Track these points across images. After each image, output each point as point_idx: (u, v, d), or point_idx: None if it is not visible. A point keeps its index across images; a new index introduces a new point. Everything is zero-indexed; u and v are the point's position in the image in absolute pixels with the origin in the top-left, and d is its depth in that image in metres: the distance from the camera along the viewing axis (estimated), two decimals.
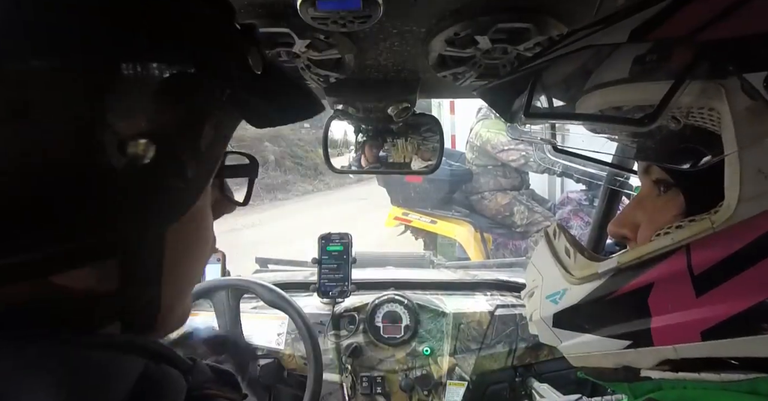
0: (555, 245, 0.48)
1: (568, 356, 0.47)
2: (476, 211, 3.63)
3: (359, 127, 1.00)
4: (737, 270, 0.34)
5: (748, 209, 0.33)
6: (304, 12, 0.54)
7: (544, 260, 0.48)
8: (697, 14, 0.34)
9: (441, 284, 1.48)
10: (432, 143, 1.01)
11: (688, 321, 0.36)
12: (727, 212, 0.34)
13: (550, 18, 0.60)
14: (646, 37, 0.36)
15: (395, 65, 0.76)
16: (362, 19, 0.56)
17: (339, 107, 0.85)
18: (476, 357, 1.23)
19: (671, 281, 0.37)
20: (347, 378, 1.21)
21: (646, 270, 0.38)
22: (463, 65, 0.70)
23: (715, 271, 0.35)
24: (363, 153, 1.02)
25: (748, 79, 0.32)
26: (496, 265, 2.14)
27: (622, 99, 0.40)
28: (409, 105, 0.86)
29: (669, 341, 0.38)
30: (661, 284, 0.38)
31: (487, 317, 1.27)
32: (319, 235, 1.31)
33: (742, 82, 0.33)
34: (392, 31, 0.65)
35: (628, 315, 0.40)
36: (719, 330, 0.35)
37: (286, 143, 13.94)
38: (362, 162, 1.03)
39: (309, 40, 0.63)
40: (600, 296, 0.41)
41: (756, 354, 0.35)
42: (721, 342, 0.35)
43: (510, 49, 0.65)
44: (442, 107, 5.42)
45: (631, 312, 0.39)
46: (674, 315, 0.37)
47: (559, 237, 0.48)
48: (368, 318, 1.26)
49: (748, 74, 0.32)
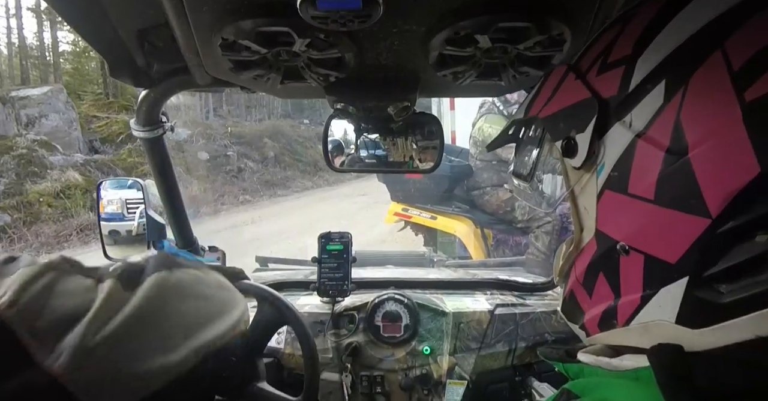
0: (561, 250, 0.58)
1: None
2: (477, 207, 3.63)
3: (359, 126, 1.00)
4: (593, 279, 0.47)
5: (585, 236, 0.47)
6: (305, 11, 0.54)
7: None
8: (542, 99, 0.53)
9: (441, 283, 1.48)
10: (432, 142, 1.01)
11: (591, 317, 0.49)
12: (577, 240, 0.49)
13: (550, 17, 0.59)
14: (527, 114, 0.56)
15: (395, 64, 0.76)
16: (362, 18, 0.56)
17: (339, 106, 0.85)
18: (476, 357, 1.23)
19: (575, 287, 0.51)
20: (347, 377, 1.20)
21: (567, 280, 0.53)
22: (463, 64, 0.69)
23: (585, 281, 0.49)
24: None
25: (556, 145, 0.48)
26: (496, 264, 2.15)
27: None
28: (409, 104, 0.86)
29: (592, 332, 0.50)
30: (575, 290, 0.51)
31: (487, 316, 1.27)
32: (319, 234, 1.30)
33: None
34: (392, 30, 0.65)
35: (574, 312, 0.53)
36: (601, 324, 0.47)
37: (286, 140, 13.96)
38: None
39: (309, 39, 0.62)
40: (563, 298, 0.56)
41: (629, 343, 0.44)
42: (607, 333, 0.46)
43: (510, 48, 0.65)
44: (442, 103, 5.42)
45: (575, 309, 0.52)
46: (588, 312, 0.49)
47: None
48: (368, 317, 1.26)
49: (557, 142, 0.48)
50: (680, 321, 0.38)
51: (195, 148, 11.13)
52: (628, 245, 0.41)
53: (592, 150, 0.44)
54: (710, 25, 0.38)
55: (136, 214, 1.35)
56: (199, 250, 1.40)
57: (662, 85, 0.39)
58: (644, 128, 0.39)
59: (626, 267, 0.42)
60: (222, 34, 0.61)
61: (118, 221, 1.48)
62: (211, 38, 0.63)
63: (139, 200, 1.32)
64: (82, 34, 0.81)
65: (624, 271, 0.43)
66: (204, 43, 0.69)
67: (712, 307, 0.36)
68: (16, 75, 13.16)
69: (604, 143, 0.43)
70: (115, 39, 0.79)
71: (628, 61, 0.42)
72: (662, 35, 0.41)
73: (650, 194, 0.39)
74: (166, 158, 1.20)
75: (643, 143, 0.39)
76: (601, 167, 0.43)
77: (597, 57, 0.47)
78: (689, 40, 0.38)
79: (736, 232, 0.34)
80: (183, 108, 11.67)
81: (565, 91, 0.49)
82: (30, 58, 14.10)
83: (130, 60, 0.87)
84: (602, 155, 0.43)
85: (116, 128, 10.51)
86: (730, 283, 0.35)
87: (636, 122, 0.40)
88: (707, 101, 0.36)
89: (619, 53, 0.44)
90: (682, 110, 0.37)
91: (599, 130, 0.43)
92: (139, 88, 1.00)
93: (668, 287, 0.38)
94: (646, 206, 0.39)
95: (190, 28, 0.65)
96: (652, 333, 0.41)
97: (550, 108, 0.51)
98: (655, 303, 0.40)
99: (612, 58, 0.44)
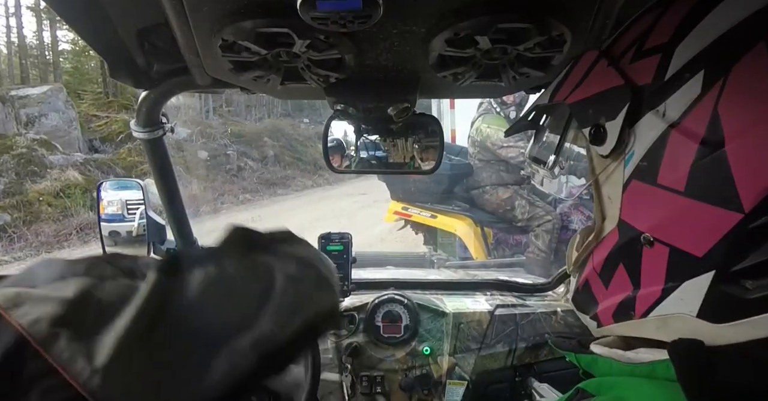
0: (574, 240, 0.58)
1: None
2: (477, 205, 3.63)
3: (359, 127, 0.99)
4: (612, 270, 0.46)
5: (607, 226, 0.47)
6: (305, 12, 0.54)
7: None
8: (570, 84, 0.52)
9: (441, 283, 1.48)
10: (432, 143, 1.01)
11: (605, 308, 0.48)
12: (598, 229, 0.48)
13: (550, 18, 0.59)
14: (552, 100, 0.56)
15: (395, 65, 0.75)
16: (362, 19, 0.56)
17: (339, 107, 0.84)
18: (476, 357, 1.23)
19: (591, 277, 0.51)
20: (347, 377, 1.21)
21: (582, 269, 0.53)
22: (463, 65, 0.69)
23: (603, 271, 0.48)
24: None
25: (583, 132, 0.48)
26: (496, 265, 2.15)
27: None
28: (409, 105, 0.86)
29: (604, 323, 0.49)
30: (590, 280, 0.51)
31: (486, 317, 1.27)
32: (319, 235, 1.30)
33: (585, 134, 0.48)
34: (392, 31, 0.64)
35: (587, 302, 0.52)
36: (617, 315, 0.46)
37: (286, 139, 13.96)
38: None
39: (309, 40, 0.62)
40: (575, 288, 0.55)
41: (645, 335, 0.44)
42: (621, 324, 0.46)
43: (510, 49, 0.64)
44: (441, 102, 5.43)
45: (589, 299, 0.52)
46: (603, 302, 0.49)
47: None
48: (368, 318, 1.26)
49: (584, 128, 0.48)
50: (701, 315, 0.38)
51: (195, 147, 11.13)
52: (653, 237, 0.41)
53: (621, 139, 0.43)
54: (753, 16, 0.37)
55: (136, 215, 1.35)
56: None
57: (700, 75, 0.38)
58: (679, 118, 0.39)
59: (649, 259, 0.42)
60: (222, 34, 0.61)
61: (119, 222, 1.47)
62: (211, 39, 0.63)
63: (139, 201, 1.32)
64: (82, 34, 0.81)
65: (646, 262, 0.42)
66: (204, 44, 0.68)
67: (737, 302, 0.35)
68: (16, 74, 13.14)
69: (634, 132, 0.42)
70: (115, 39, 0.79)
71: (665, 49, 0.41)
72: (703, 25, 0.40)
73: (680, 186, 0.38)
74: (166, 159, 1.20)
75: (677, 134, 0.39)
76: (630, 156, 0.43)
77: (632, 43, 0.46)
78: (731, 30, 0.38)
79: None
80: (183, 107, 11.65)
81: (595, 78, 0.48)
82: (29, 58, 14.08)
83: (130, 60, 0.87)
84: (632, 143, 0.43)
85: (116, 127, 10.51)
86: (756, 279, 0.35)
87: (670, 111, 0.40)
88: (748, 93, 0.36)
89: (656, 41, 0.43)
90: (721, 101, 0.36)
91: (630, 118, 0.43)
92: (139, 89, 1.00)
93: (692, 280, 0.38)
94: (675, 198, 0.38)
95: (190, 28, 0.64)
96: (670, 325, 0.40)
97: (579, 94, 0.50)
98: (677, 295, 0.39)
99: (648, 46, 0.44)
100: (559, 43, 0.63)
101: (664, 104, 0.40)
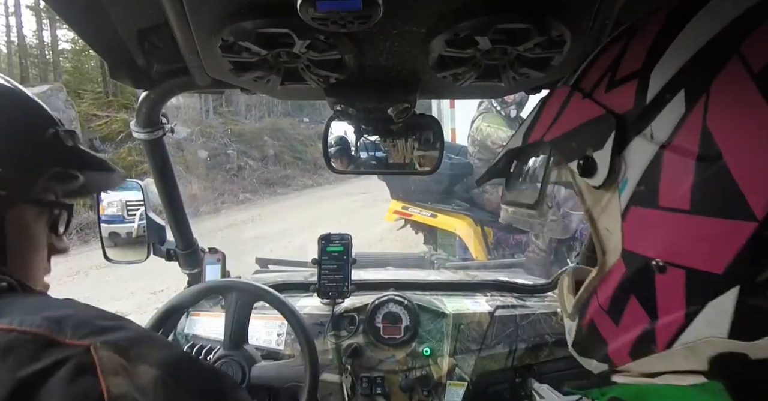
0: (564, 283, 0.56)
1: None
2: (477, 205, 3.63)
3: (359, 127, 0.99)
4: (622, 304, 0.44)
5: (610, 259, 0.44)
6: (304, 12, 0.54)
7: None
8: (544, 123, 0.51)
9: (441, 284, 1.48)
10: (432, 144, 1.01)
11: (618, 347, 0.45)
12: (600, 263, 0.46)
13: (550, 18, 0.59)
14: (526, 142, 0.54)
15: (395, 66, 0.75)
16: (362, 19, 0.56)
17: (339, 108, 0.84)
18: (476, 358, 1.23)
19: (596, 316, 0.47)
20: (347, 378, 1.20)
21: (585, 311, 0.49)
22: (463, 66, 0.69)
23: (611, 307, 0.45)
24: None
25: (570, 167, 0.46)
26: (496, 266, 2.15)
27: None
28: (409, 106, 0.86)
29: (619, 362, 0.46)
30: (596, 320, 0.48)
31: (487, 317, 1.27)
32: (319, 235, 1.30)
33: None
34: (392, 31, 0.64)
35: (593, 344, 0.49)
36: (634, 352, 0.43)
37: (286, 138, 13.96)
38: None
39: (309, 40, 0.62)
40: (576, 333, 0.52)
41: (673, 368, 0.41)
42: (642, 361, 0.43)
43: (510, 49, 0.64)
44: (441, 101, 5.42)
45: (594, 342, 0.48)
46: (614, 341, 0.46)
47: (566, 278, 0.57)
48: (368, 319, 1.26)
49: (571, 163, 0.46)
50: (733, 335, 0.36)
51: (195, 146, 11.12)
52: (664, 261, 0.39)
53: (613, 167, 0.42)
54: (722, 32, 0.37)
55: (136, 216, 1.35)
56: (199, 252, 1.40)
57: (682, 94, 0.38)
58: (669, 137, 0.38)
59: (663, 285, 0.40)
60: (222, 35, 0.61)
61: (119, 223, 1.47)
62: (211, 39, 0.63)
63: (139, 202, 1.32)
64: (82, 34, 0.80)
65: (661, 289, 0.40)
66: (204, 44, 0.68)
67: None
68: (16, 73, 13.11)
69: (624, 159, 0.42)
70: (115, 39, 0.79)
71: (640, 74, 0.41)
72: (674, 46, 0.40)
73: (685, 205, 0.37)
74: (166, 159, 1.20)
75: (670, 154, 0.38)
76: (624, 184, 0.42)
77: (602, 75, 0.45)
78: (703, 48, 0.38)
79: None
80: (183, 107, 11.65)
81: (572, 112, 0.48)
82: (29, 57, 14.07)
83: (130, 61, 0.86)
84: (624, 171, 0.42)
85: (116, 127, 10.50)
86: None
87: (658, 133, 0.39)
88: (733, 104, 0.36)
89: (630, 68, 0.43)
90: (708, 116, 0.36)
91: (618, 145, 0.42)
92: (139, 89, 1.00)
93: (717, 300, 0.36)
94: (681, 218, 0.37)
95: (190, 28, 0.64)
96: (700, 352, 0.38)
97: (557, 129, 0.49)
98: (702, 319, 0.37)
99: (621, 74, 0.43)
100: (559, 44, 0.63)
101: (650, 126, 0.40)
